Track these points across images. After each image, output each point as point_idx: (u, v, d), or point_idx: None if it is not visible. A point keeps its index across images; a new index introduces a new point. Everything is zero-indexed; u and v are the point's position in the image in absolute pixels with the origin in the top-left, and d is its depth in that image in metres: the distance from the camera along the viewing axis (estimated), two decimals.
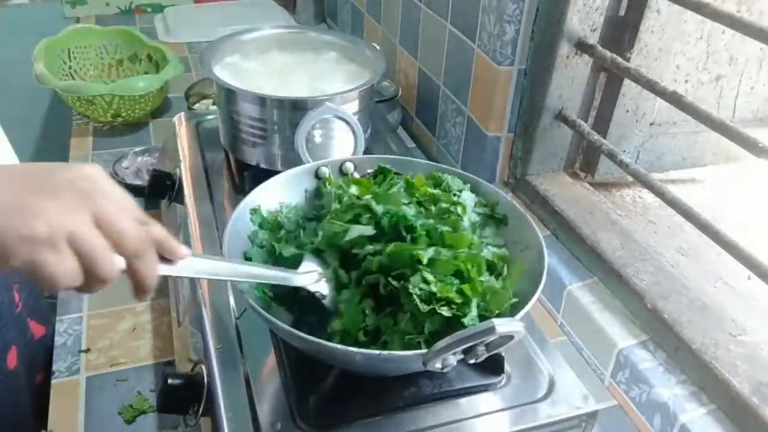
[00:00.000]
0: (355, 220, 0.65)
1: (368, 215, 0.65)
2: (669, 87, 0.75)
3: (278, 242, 0.69)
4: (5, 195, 0.43)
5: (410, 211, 0.66)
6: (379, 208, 0.65)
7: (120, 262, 0.46)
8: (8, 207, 0.43)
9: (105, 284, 0.46)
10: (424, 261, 0.59)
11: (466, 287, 0.59)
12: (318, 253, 0.66)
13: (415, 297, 0.57)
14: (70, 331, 0.90)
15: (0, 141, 0.91)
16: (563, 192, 0.95)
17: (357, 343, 0.59)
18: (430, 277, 0.58)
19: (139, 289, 0.49)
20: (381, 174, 0.78)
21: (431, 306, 0.57)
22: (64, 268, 0.43)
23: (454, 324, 0.58)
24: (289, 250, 0.67)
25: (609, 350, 0.76)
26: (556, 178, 0.98)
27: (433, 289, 0.58)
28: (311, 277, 0.63)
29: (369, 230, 0.63)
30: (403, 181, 0.74)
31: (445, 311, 0.57)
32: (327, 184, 0.75)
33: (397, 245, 0.61)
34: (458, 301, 0.58)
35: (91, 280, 0.45)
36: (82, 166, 0.48)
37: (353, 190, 0.70)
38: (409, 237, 0.63)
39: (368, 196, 0.67)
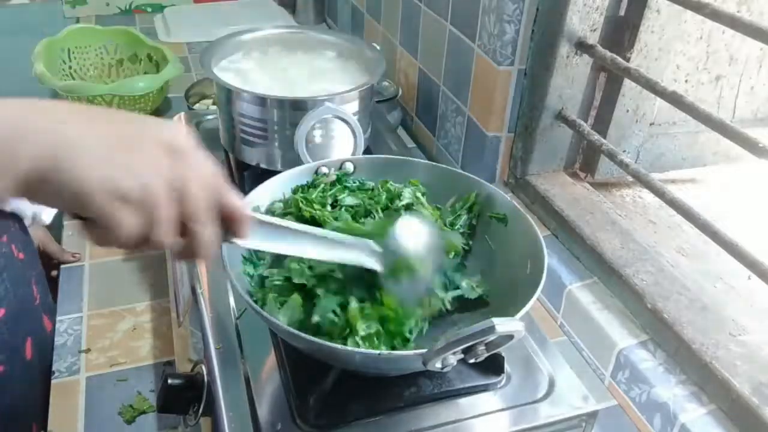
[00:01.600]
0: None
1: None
2: (669, 87, 0.75)
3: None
4: (95, 143, 0.43)
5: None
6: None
7: (175, 235, 0.47)
8: (97, 156, 0.42)
9: (154, 247, 0.46)
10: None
11: None
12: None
13: None
14: (70, 331, 0.90)
15: None
16: (563, 192, 0.95)
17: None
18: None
19: (187, 252, 0.49)
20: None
21: None
22: (130, 226, 0.43)
23: None
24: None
25: (609, 350, 0.76)
26: (556, 178, 0.98)
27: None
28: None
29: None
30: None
31: None
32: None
33: None
34: None
35: (144, 243, 0.46)
36: (171, 127, 0.47)
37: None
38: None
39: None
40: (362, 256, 0.61)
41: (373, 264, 0.61)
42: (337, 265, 0.62)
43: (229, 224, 0.50)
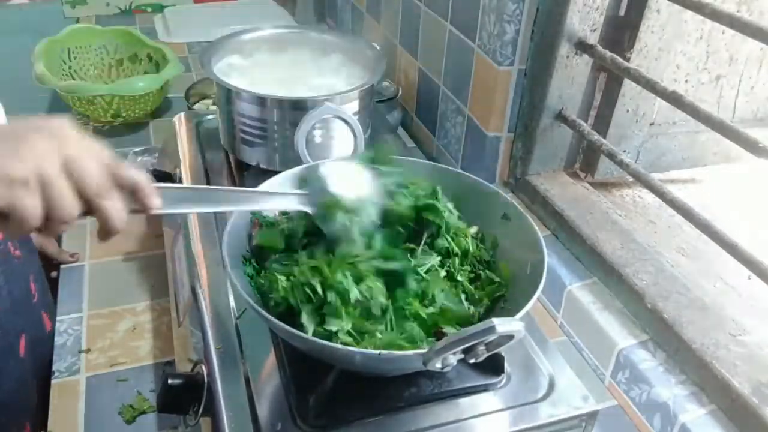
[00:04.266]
0: None
1: None
2: (669, 87, 0.75)
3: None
4: None
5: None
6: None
7: (78, 206, 0.48)
8: None
9: (63, 226, 0.48)
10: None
11: None
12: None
13: None
14: (70, 331, 0.90)
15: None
16: (563, 192, 0.95)
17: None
18: None
19: (102, 229, 0.51)
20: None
21: None
22: (32, 207, 0.46)
23: None
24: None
25: (609, 350, 0.76)
26: (556, 178, 0.98)
27: None
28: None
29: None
30: None
31: None
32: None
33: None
34: None
35: (51, 221, 0.48)
36: (51, 117, 0.50)
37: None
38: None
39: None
40: (284, 203, 0.63)
41: (300, 207, 0.63)
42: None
43: (137, 197, 0.52)
